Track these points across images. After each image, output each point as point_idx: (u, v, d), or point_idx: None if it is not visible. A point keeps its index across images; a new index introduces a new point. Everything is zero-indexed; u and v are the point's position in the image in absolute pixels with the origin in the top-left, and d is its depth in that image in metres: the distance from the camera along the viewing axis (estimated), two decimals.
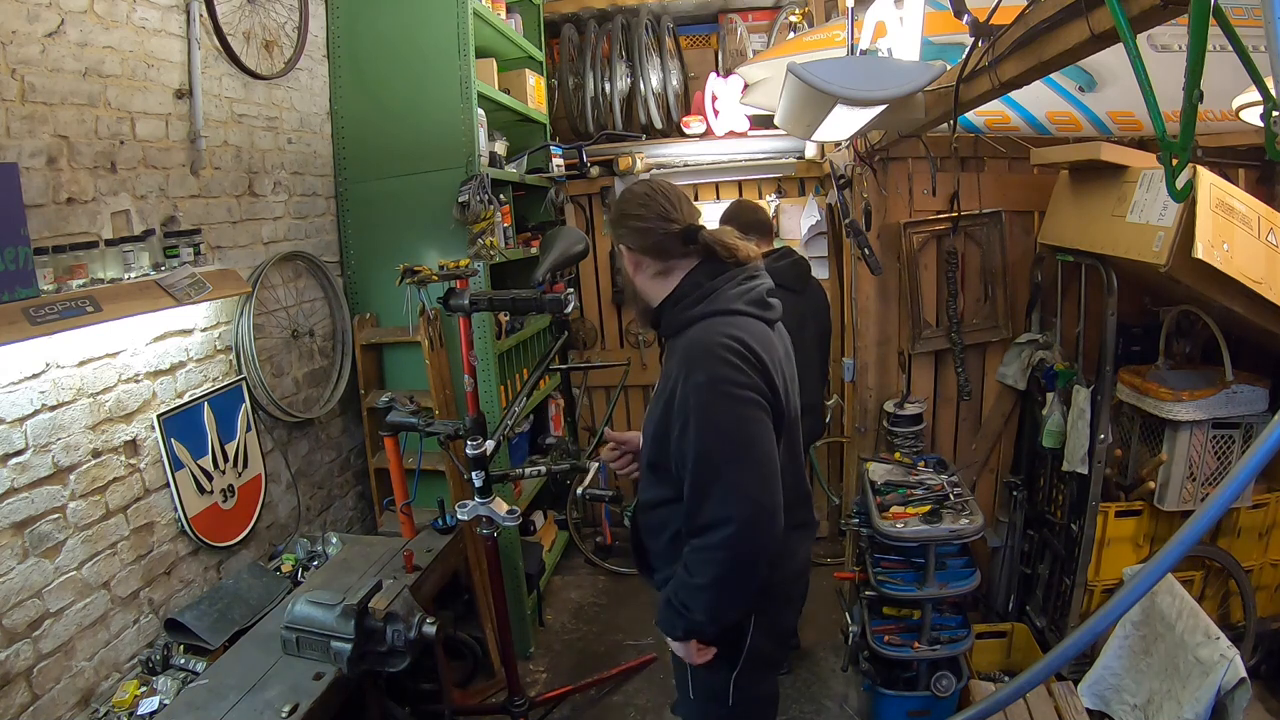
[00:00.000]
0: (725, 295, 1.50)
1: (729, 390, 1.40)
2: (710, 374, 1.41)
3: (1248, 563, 2.49)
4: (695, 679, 1.64)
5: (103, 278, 1.84)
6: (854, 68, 1.77)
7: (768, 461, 1.40)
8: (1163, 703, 2.08)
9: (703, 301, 1.51)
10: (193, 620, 2.04)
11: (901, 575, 2.56)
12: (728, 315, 1.49)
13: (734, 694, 1.58)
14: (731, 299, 1.50)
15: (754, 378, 1.42)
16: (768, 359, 1.46)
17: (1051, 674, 2.14)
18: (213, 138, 2.33)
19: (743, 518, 1.37)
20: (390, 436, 2.35)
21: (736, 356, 1.42)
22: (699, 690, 1.64)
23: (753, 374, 1.42)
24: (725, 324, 1.47)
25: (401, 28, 2.91)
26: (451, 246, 2.89)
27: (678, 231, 1.52)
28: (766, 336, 1.51)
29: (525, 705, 2.49)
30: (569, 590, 3.76)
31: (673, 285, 1.56)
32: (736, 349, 1.42)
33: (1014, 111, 2.51)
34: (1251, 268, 1.98)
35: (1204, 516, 0.84)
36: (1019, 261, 3.00)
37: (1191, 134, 1.03)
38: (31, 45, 1.74)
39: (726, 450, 1.39)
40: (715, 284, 1.52)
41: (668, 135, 3.99)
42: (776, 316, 1.58)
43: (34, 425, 1.73)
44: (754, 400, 1.41)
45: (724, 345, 1.43)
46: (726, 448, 1.39)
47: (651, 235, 1.54)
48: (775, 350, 1.52)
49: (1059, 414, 2.62)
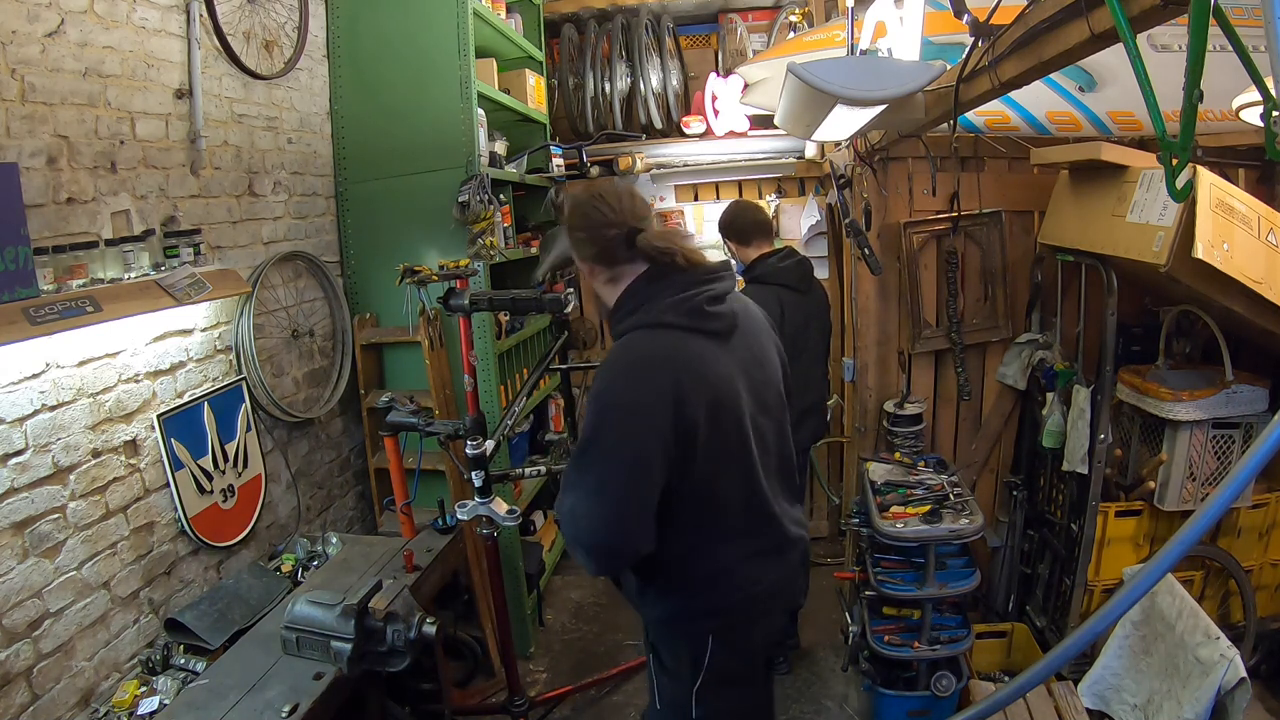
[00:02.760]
0: (657, 307, 1.44)
1: (624, 420, 1.36)
2: (605, 388, 1.39)
3: (1248, 563, 2.49)
4: (660, 688, 1.63)
5: (103, 278, 1.84)
6: (854, 68, 1.77)
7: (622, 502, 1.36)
8: (1163, 702, 2.08)
9: (635, 313, 1.46)
10: (193, 620, 2.04)
11: (901, 575, 2.56)
12: (652, 329, 1.43)
13: (696, 708, 1.55)
14: (662, 311, 1.43)
15: (658, 413, 1.34)
16: (691, 386, 1.36)
17: (1051, 674, 2.14)
18: (213, 138, 2.33)
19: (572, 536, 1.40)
20: (390, 436, 2.35)
21: (647, 384, 1.36)
22: (663, 699, 1.64)
23: (659, 408, 1.34)
24: (644, 339, 1.43)
25: (401, 28, 2.91)
26: (451, 246, 2.89)
27: (616, 236, 1.47)
28: (698, 353, 1.41)
29: (525, 705, 2.49)
30: (569, 590, 3.76)
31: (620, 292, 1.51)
32: (648, 374, 1.37)
33: (1014, 111, 2.50)
34: (1251, 268, 1.98)
35: (1204, 516, 0.84)
36: (1019, 261, 3.00)
37: (1191, 134, 1.03)
38: (31, 45, 1.74)
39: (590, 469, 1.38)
40: (650, 292, 1.46)
41: (668, 135, 3.99)
42: (722, 326, 1.46)
43: (34, 425, 1.73)
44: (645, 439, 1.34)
45: (636, 366, 1.39)
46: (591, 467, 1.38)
47: (593, 244, 1.50)
48: (708, 368, 1.41)
49: (1059, 414, 2.62)
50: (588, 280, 1.59)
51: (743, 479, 1.49)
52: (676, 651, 1.60)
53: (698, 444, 1.39)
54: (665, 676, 1.61)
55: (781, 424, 1.62)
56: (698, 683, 1.54)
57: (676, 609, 1.54)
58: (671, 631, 1.60)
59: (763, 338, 1.61)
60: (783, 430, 1.62)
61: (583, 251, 1.53)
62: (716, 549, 1.50)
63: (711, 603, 1.52)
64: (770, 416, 1.56)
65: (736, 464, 1.47)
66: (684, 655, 1.56)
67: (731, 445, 1.45)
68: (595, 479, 1.38)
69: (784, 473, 1.63)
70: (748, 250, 2.82)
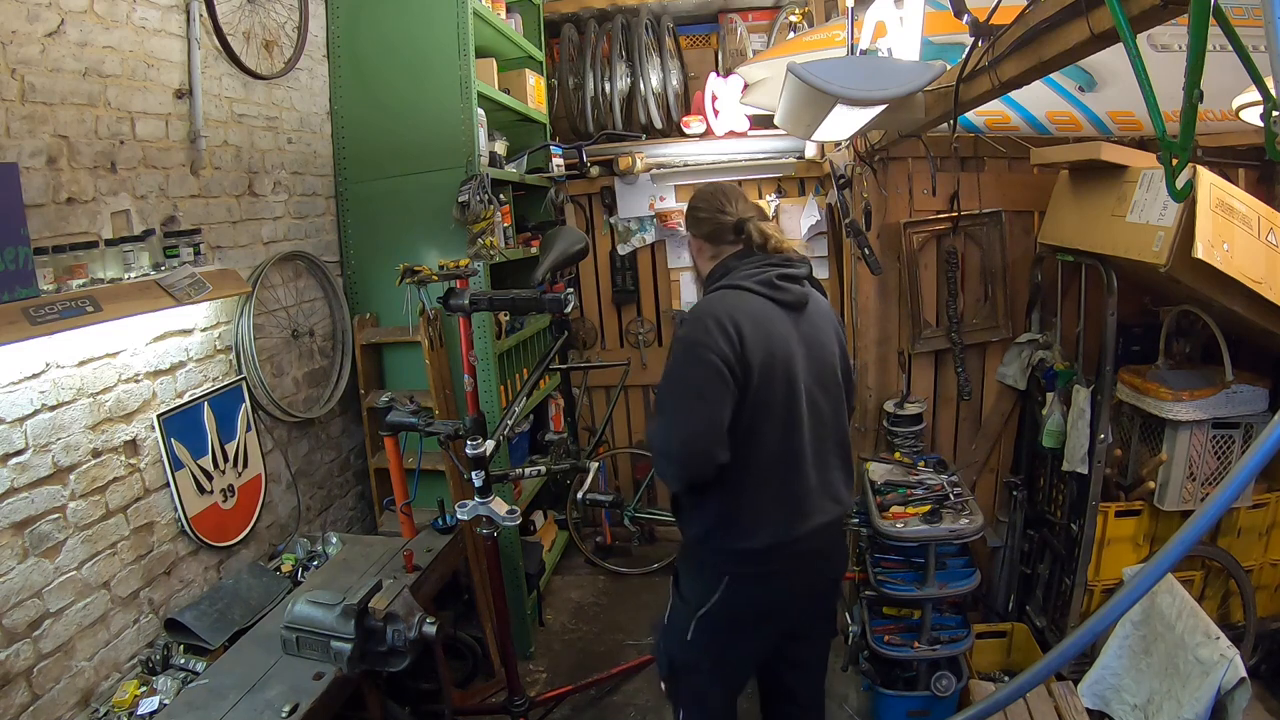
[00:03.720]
0: (740, 274, 1.76)
1: (692, 350, 1.65)
2: (688, 332, 1.69)
3: (1248, 563, 2.49)
4: (673, 608, 1.90)
5: (103, 278, 1.84)
6: (854, 68, 1.77)
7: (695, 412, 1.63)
8: (1163, 702, 2.08)
9: (724, 278, 1.78)
10: (193, 620, 2.04)
11: (901, 575, 2.56)
12: (733, 289, 1.74)
13: (694, 631, 1.79)
14: (742, 277, 1.74)
15: (721, 345, 1.62)
16: (751, 332, 1.64)
17: (1051, 674, 2.14)
18: (213, 138, 2.33)
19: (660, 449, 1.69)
20: (390, 436, 2.35)
21: (714, 323, 1.65)
22: (672, 615, 1.90)
23: (721, 342, 1.63)
24: (723, 296, 1.73)
25: (401, 28, 2.91)
26: (451, 246, 2.89)
27: (728, 223, 1.81)
28: (764, 312, 1.70)
29: (525, 705, 2.49)
30: (569, 590, 3.76)
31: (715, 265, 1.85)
32: (716, 317, 1.66)
33: (1014, 111, 2.51)
34: (1251, 268, 1.98)
35: (1204, 516, 0.84)
36: (1019, 261, 3.00)
37: (1191, 134, 1.03)
38: (31, 45, 1.74)
39: (670, 392, 1.70)
40: (737, 264, 1.79)
41: (668, 135, 3.99)
42: (791, 298, 1.74)
43: (34, 425, 1.73)
44: (711, 363, 1.62)
45: (708, 312, 1.68)
46: (672, 389, 1.70)
47: (707, 225, 1.85)
48: (773, 326, 1.69)
49: (1059, 414, 2.62)
50: (694, 254, 1.94)
51: (784, 432, 1.70)
52: (694, 577, 1.84)
53: (751, 384, 1.65)
54: (679, 599, 1.87)
55: (839, 404, 1.83)
56: (701, 610, 1.78)
57: (703, 534, 1.77)
58: (698, 555, 1.83)
59: (826, 326, 1.84)
60: (839, 410, 1.84)
61: (699, 229, 1.88)
62: (733, 490, 1.71)
63: (717, 541, 1.75)
64: (828, 394, 1.79)
65: (780, 416, 1.69)
66: (699, 584, 1.80)
67: (778, 396, 1.68)
68: (674, 398, 1.68)
69: (840, 448, 1.83)
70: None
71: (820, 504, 1.77)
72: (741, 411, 1.65)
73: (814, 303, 1.82)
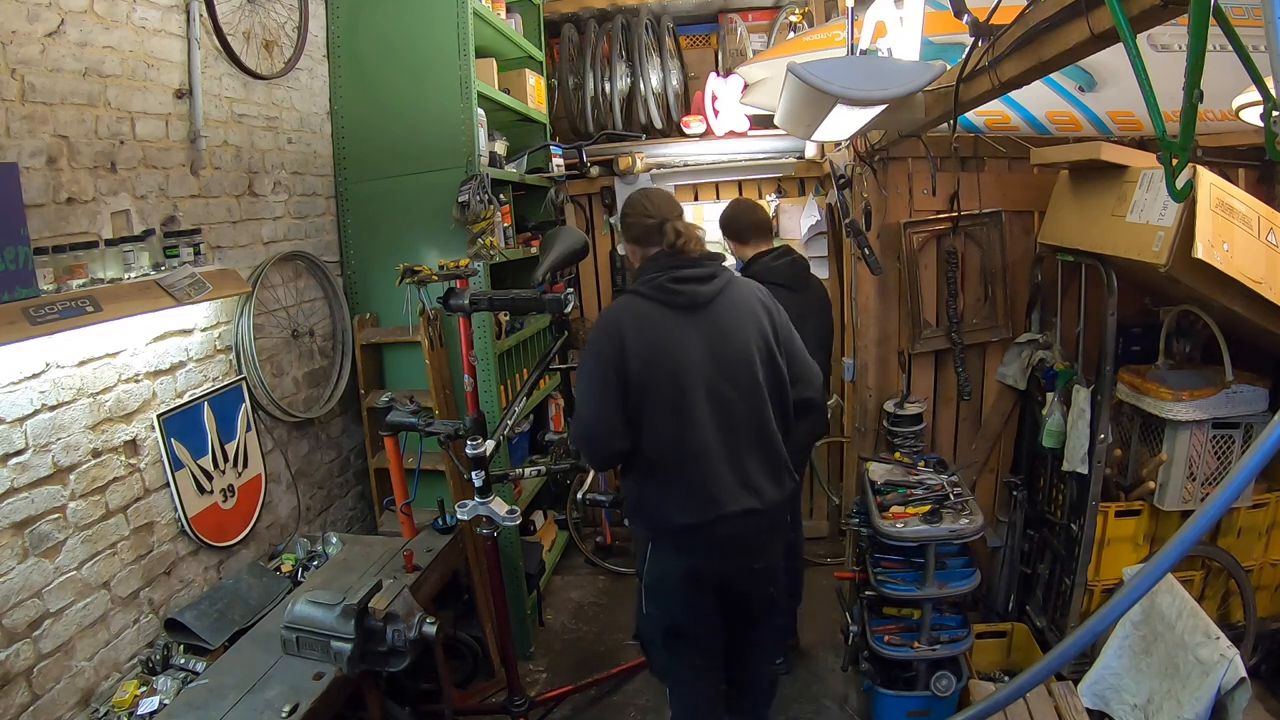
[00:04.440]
0: (640, 279, 1.92)
1: (588, 352, 1.88)
2: (590, 336, 1.91)
3: (1248, 563, 2.49)
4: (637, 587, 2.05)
5: (103, 278, 1.84)
6: (854, 68, 1.77)
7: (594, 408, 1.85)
8: (1163, 702, 2.08)
9: (630, 283, 1.96)
10: (193, 620, 2.04)
11: (901, 575, 2.56)
12: (629, 294, 1.93)
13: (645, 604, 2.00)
14: (641, 283, 1.91)
15: (605, 348, 1.84)
16: (634, 337, 1.82)
17: (1051, 674, 2.14)
18: (213, 138, 2.33)
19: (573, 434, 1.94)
20: (390, 436, 2.35)
21: (602, 329, 1.88)
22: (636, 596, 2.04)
23: (606, 346, 1.84)
24: (619, 303, 1.95)
25: (401, 28, 2.91)
26: (451, 246, 2.89)
27: (652, 225, 1.93)
28: (650, 316, 1.86)
29: (525, 705, 2.49)
30: (569, 590, 3.76)
31: None
32: (605, 322, 1.89)
33: (1014, 111, 2.51)
34: (1251, 268, 1.98)
35: (1204, 516, 0.84)
36: (1019, 261, 3.00)
37: (1191, 134, 1.03)
38: (31, 45, 1.74)
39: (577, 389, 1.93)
40: (643, 268, 1.95)
41: (668, 135, 3.99)
42: (683, 300, 1.87)
43: (34, 425, 1.73)
44: (599, 365, 1.84)
45: (603, 319, 1.93)
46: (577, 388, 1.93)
47: (635, 228, 1.98)
48: (657, 329, 1.84)
49: (1059, 414, 2.62)
50: (629, 257, 2.06)
51: (678, 426, 1.84)
52: (637, 553, 2.02)
53: (632, 383, 1.82)
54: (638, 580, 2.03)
55: (755, 398, 1.89)
56: (644, 582, 1.98)
57: (630, 510, 1.99)
58: (633, 530, 2.03)
59: (743, 320, 1.91)
60: (757, 404, 1.89)
61: (629, 234, 2.02)
62: (645, 473, 1.90)
63: (641, 516, 1.95)
64: (738, 388, 1.87)
65: (670, 411, 1.84)
66: (639, 557, 2.00)
67: (665, 393, 1.83)
68: (578, 393, 1.91)
69: (761, 441, 1.90)
70: (745, 249, 2.84)
71: (734, 494, 1.86)
72: (631, 406, 1.83)
73: (726, 297, 1.90)
